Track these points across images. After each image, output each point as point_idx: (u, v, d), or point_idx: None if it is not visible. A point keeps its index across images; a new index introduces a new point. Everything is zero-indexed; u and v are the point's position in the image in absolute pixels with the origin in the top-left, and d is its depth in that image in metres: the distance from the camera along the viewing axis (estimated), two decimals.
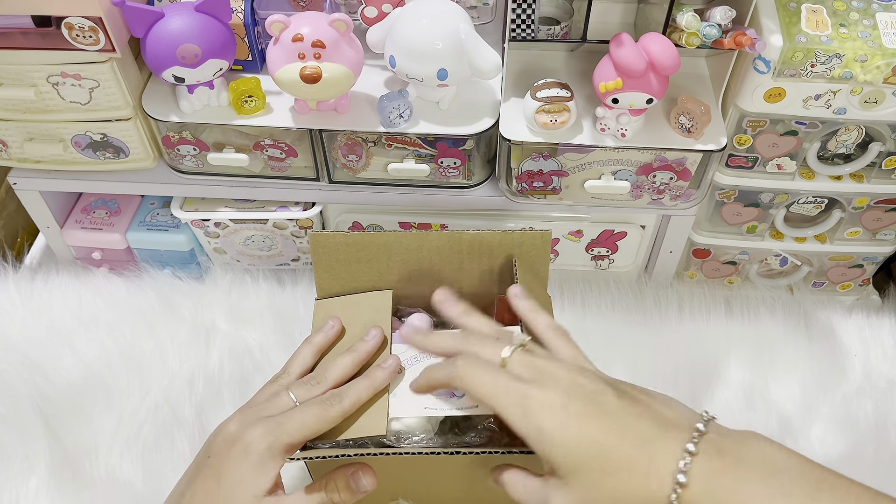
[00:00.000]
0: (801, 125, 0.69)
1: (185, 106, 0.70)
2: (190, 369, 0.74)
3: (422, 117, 0.71)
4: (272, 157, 0.75)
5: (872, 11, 0.65)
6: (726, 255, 0.85)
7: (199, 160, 0.75)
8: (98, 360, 0.75)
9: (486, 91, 0.73)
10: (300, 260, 0.87)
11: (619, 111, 0.67)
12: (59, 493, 0.66)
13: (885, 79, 0.64)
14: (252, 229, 0.82)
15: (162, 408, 0.71)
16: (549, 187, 0.73)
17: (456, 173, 0.74)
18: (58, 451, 0.68)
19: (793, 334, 0.80)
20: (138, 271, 0.85)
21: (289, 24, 0.64)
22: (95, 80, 0.68)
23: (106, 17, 0.63)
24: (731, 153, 0.73)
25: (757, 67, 0.65)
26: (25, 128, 0.73)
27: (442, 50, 0.64)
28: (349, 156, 0.73)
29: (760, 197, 0.77)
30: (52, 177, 0.78)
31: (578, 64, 0.76)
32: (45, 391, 0.72)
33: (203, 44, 0.65)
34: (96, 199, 0.87)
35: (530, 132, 0.69)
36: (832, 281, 0.87)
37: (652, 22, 0.66)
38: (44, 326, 0.79)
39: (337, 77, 0.65)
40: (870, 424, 0.73)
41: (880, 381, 0.77)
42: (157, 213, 0.85)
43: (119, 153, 0.75)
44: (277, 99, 0.72)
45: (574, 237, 0.82)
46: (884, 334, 0.81)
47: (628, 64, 0.62)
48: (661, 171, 0.71)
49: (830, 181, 0.75)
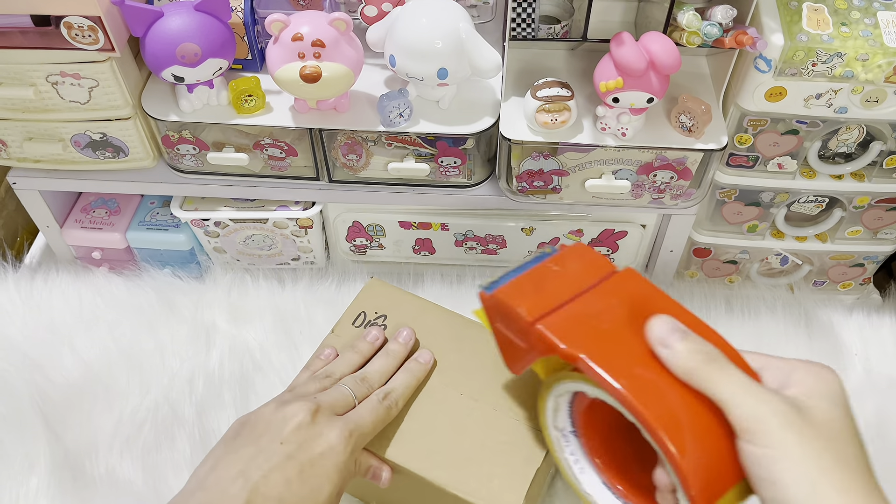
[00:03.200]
0: (802, 124, 0.69)
1: (184, 105, 0.70)
2: (190, 369, 0.74)
3: (422, 116, 0.70)
4: (272, 157, 0.74)
5: (874, 10, 0.65)
6: (727, 254, 0.85)
7: (199, 159, 0.74)
8: (98, 359, 0.75)
9: (486, 90, 0.73)
10: (300, 259, 0.87)
11: (619, 110, 0.67)
12: (60, 492, 0.65)
13: (886, 78, 0.64)
14: (252, 229, 0.82)
15: (162, 407, 0.71)
16: (550, 186, 0.73)
17: (456, 172, 0.74)
18: (58, 450, 0.68)
19: (793, 333, 0.80)
20: (138, 271, 0.85)
21: (288, 23, 0.64)
22: (95, 79, 0.68)
23: (105, 17, 0.63)
24: (731, 152, 0.72)
25: (758, 66, 0.65)
26: (25, 127, 0.73)
27: (442, 49, 0.64)
28: (349, 155, 0.73)
29: (761, 196, 0.77)
30: (52, 176, 0.78)
31: (579, 63, 0.76)
32: (45, 390, 0.72)
33: (203, 43, 0.65)
34: (96, 198, 0.87)
35: (531, 131, 0.69)
36: (833, 280, 0.87)
37: (652, 21, 0.66)
38: (44, 326, 0.79)
39: (337, 76, 0.65)
40: (870, 423, 0.72)
41: (881, 380, 0.77)
42: (157, 212, 0.85)
43: (118, 152, 0.75)
44: (277, 98, 0.72)
45: (574, 236, 0.82)
46: (884, 333, 0.81)
47: (629, 63, 0.62)
48: (661, 171, 0.70)
49: (831, 180, 0.74)
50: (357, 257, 0.88)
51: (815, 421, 0.40)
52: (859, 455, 0.40)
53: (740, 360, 0.44)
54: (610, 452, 0.49)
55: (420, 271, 0.86)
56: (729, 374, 0.41)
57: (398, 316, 0.63)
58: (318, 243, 0.85)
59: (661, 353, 0.42)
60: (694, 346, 0.42)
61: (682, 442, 0.39)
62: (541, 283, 0.47)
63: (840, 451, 0.39)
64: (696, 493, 0.38)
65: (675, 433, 0.39)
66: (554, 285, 0.46)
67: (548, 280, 0.47)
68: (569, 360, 0.43)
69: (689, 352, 0.42)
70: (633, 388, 0.40)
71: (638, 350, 0.42)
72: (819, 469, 0.38)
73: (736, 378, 0.41)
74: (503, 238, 0.83)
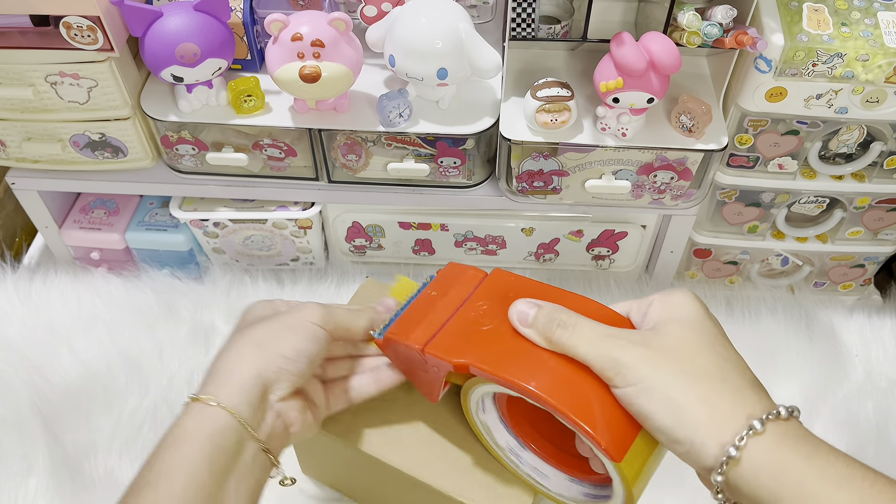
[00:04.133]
0: (803, 125, 0.69)
1: (183, 105, 0.70)
2: (189, 370, 0.74)
3: (421, 117, 0.70)
4: (271, 157, 0.74)
5: (874, 10, 0.65)
6: (727, 254, 0.84)
7: (198, 160, 0.74)
8: (97, 360, 0.75)
9: (486, 90, 0.73)
10: (299, 260, 0.87)
11: (619, 110, 0.66)
12: (58, 493, 0.65)
13: (886, 78, 0.64)
14: (251, 229, 0.82)
15: (161, 408, 0.71)
16: (550, 187, 0.73)
17: (456, 173, 0.74)
18: (56, 451, 0.67)
19: (794, 334, 0.80)
20: (137, 271, 0.85)
21: (288, 23, 0.64)
22: (94, 79, 0.68)
23: (104, 17, 0.62)
24: (732, 153, 0.72)
25: (758, 67, 0.65)
26: (24, 127, 0.73)
27: (442, 49, 0.64)
28: (348, 155, 0.73)
29: (762, 196, 0.77)
30: (51, 176, 0.78)
31: (579, 63, 0.76)
32: (43, 391, 0.72)
33: (202, 43, 0.65)
34: (95, 198, 0.87)
35: (530, 132, 0.69)
36: (833, 281, 0.87)
37: (653, 21, 0.66)
38: (42, 327, 0.79)
39: (336, 76, 0.64)
40: (871, 424, 0.72)
41: (881, 380, 0.76)
42: (156, 212, 0.85)
43: (118, 153, 0.74)
44: (276, 98, 0.72)
45: (575, 237, 0.82)
46: (885, 334, 0.81)
47: (629, 63, 0.62)
48: (661, 171, 0.70)
49: (832, 181, 0.74)
50: (356, 258, 0.88)
51: (665, 345, 0.41)
52: (719, 362, 0.41)
53: (602, 313, 0.47)
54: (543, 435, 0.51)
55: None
56: (580, 331, 0.43)
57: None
58: (318, 244, 0.85)
59: (525, 332, 0.45)
60: (544, 318, 0.44)
61: (576, 407, 0.41)
62: (423, 312, 0.50)
63: (696, 366, 0.40)
64: (606, 445, 0.40)
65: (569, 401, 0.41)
66: (435, 309, 0.50)
67: (428, 307, 0.50)
68: (462, 370, 0.45)
69: (542, 325, 0.44)
70: (520, 374, 0.43)
71: (515, 340, 0.45)
72: (679, 389, 0.39)
73: (588, 332, 0.43)
74: (503, 238, 0.83)
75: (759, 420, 0.37)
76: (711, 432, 0.38)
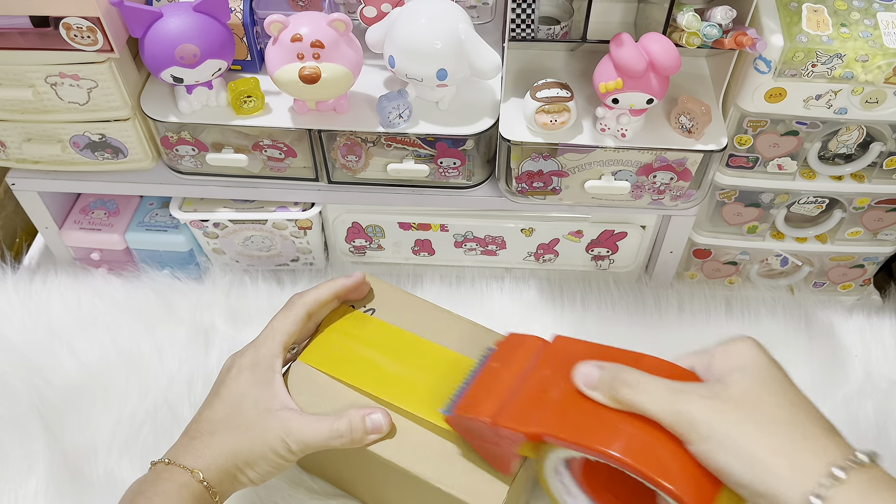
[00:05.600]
0: (802, 125, 0.69)
1: (183, 106, 0.70)
2: (189, 370, 0.74)
3: (421, 117, 0.70)
4: (271, 158, 0.74)
5: (873, 11, 0.65)
6: (727, 255, 0.84)
7: (198, 160, 0.74)
8: (97, 360, 0.75)
9: (485, 91, 0.73)
10: (299, 260, 0.87)
11: (619, 111, 0.67)
12: (58, 493, 0.65)
13: (886, 79, 0.64)
14: (251, 230, 0.82)
15: (161, 409, 0.71)
16: (549, 187, 0.73)
17: (455, 173, 0.74)
18: (57, 452, 0.68)
19: (793, 334, 0.80)
20: (137, 272, 0.85)
21: (287, 24, 0.64)
22: (94, 80, 0.68)
23: (104, 18, 0.63)
24: (731, 153, 0.72)
25: (757, 67, 0.65)
26: (24, 128, 0.73)
27: (441, 50, 0.64)
28: (348, 156, 0.73)
29: (761, 197, 0.77)
30: (51, 177, 0.78)
31: (578, 64, 0.76)
32: (43, 392, 0.72)
33: (202, 44, 0.65)
34: (95, 199, 0.87)
35: (530, 132, 0.69)
36: (833, 281, 0.87)
37: (652, 22, 0.66)
38: (42, 327, 0.79)
39: (336, 77, 0.65)
40: (870, 425, 0.72)
41: (881, 381, 0.76)
42: (156, 213, 0.85)
43: (118, 153, 0.75)
44: (276, 99, 0.72)
45: (574, 237, 0.82)
46: (885, 334, 0.81)
47: (628, 64, 0.62)
48: (661, 172, 0.70)
49: (831, 181, 0.74)
50: (356, 258, 0.88)
51: (733, 396, 0.41)
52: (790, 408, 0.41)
53: (668, 369, 0.46)
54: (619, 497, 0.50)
55: (419, 272, 0.86)
56: (645, 388, 0.43)
57: (386, 309, 0.63)
58: (318, 244, 0.85)
59: (591, 395, 0.45)
60: (608, 378, 0.44)
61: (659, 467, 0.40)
62: (489, 385, 0.50)
63: (766, 414, 0.40)
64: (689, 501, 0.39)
65: (651, 462, 0.41)
66: (500, 381, 0.50)
67: (493, 379, 0.51)
68: (536, 439, 0.46)
69: (607, 386, 0.44)
70: (598, 439, 0.43)
71: (584, 403, 0.45)
72: (754, 440, 0.39)
73: (654, 389, 0.43)
74: (503, 239, 0.83)
75: (841, 468, 0.37)
76: (794, 484, 0.37)
